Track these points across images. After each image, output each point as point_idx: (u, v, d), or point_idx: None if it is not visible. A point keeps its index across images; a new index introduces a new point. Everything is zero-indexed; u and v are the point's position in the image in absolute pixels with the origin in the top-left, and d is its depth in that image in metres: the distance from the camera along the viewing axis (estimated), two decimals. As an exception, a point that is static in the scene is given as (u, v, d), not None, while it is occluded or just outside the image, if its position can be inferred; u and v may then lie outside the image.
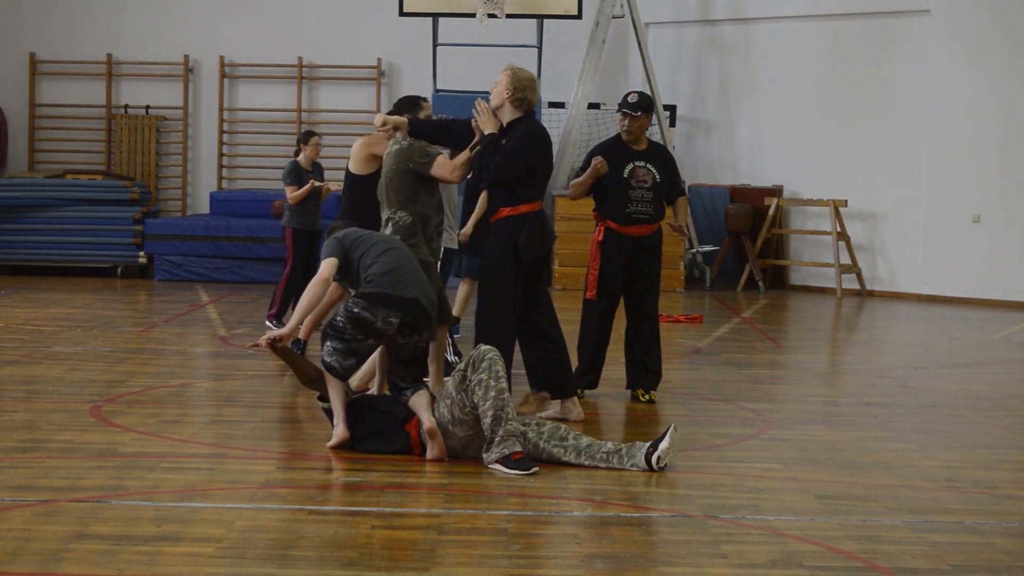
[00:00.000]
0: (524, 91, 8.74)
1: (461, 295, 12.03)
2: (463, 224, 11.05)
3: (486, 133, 8.73)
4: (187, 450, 7.82)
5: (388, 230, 8.75)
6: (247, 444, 7.98)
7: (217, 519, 6.25)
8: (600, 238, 9.72)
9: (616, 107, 10.23)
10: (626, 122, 9.70)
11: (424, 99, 9.59)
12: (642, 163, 9.70)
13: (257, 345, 7.89)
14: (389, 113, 9.30)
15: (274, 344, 7.84)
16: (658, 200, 9.74)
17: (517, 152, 8.64)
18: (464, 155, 8.77)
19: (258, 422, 8.69)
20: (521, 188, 8.72)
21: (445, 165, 8.70)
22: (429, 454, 7.55)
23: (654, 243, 9.76)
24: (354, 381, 8.69)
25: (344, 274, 8.03)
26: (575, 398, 9.01)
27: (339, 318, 7.80)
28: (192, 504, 6.54)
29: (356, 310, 7.75)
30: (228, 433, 8.36)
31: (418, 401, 7.70)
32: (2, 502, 6.44)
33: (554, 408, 8.99)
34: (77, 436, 8.04)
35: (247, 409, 9.14)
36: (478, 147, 8.71)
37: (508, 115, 8.77)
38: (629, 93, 9.84)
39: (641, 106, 9.67)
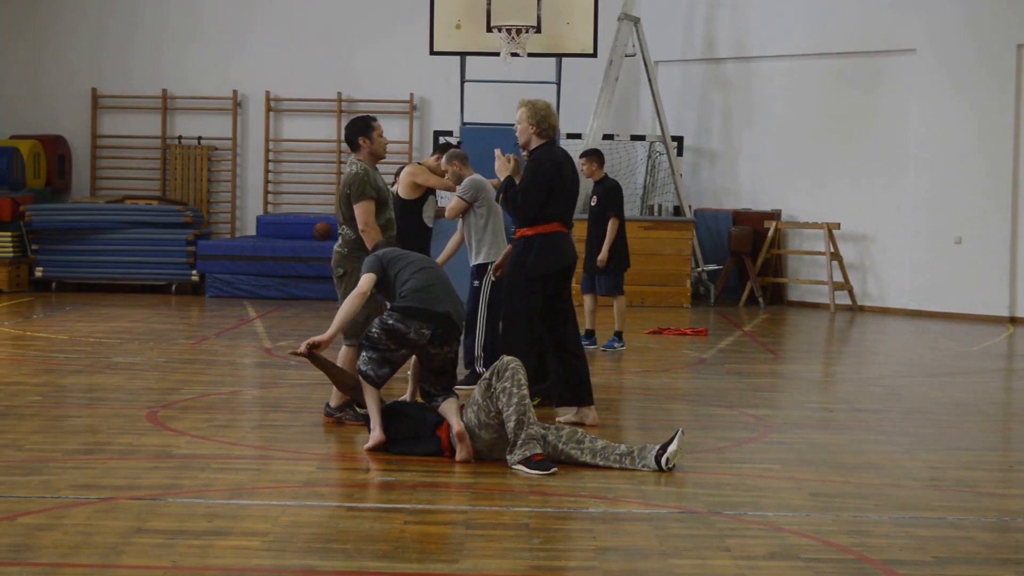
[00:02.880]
0: (545, 119, 8.78)
1: (588, 308, 12.95)
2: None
3: (502, 179, 8.79)
4: (236, 452, 7.85)
5: (338, 242, 8.80)
6: (291, 446, 8.01)
7: (263, 515, 6.28)
8: None
9: (628, 137, 10.45)
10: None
11: (374, 119, 8.98)
12: None
13: (297, 352, 7.91)
14: (346, 135, 8.95)
15: (312, 352, 7.87)
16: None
17: (531, 186, 8.67)
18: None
19: (301, 426, 8.70)
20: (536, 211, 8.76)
21: (363, 209, 8.61)
22: (458, 456, 7.56)
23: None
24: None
25: (381, 288, 8.06)
26: (591, 405, 9.02)
27: (375, 330, 7.83)
28: (240, 501, 6.57)
29: (391, 322, 7.78)
30: (273, 436, 8.39)
31: (448, 407, 7.72)
32: (67, 499, 6.48)
33: (572, 413, 9.00)
34: (135, 439, 8.07)
35: (291, 414, 9.16)
36: (500, 195, 8.80)
37: (535, 144, 8.82)
38: None
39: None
